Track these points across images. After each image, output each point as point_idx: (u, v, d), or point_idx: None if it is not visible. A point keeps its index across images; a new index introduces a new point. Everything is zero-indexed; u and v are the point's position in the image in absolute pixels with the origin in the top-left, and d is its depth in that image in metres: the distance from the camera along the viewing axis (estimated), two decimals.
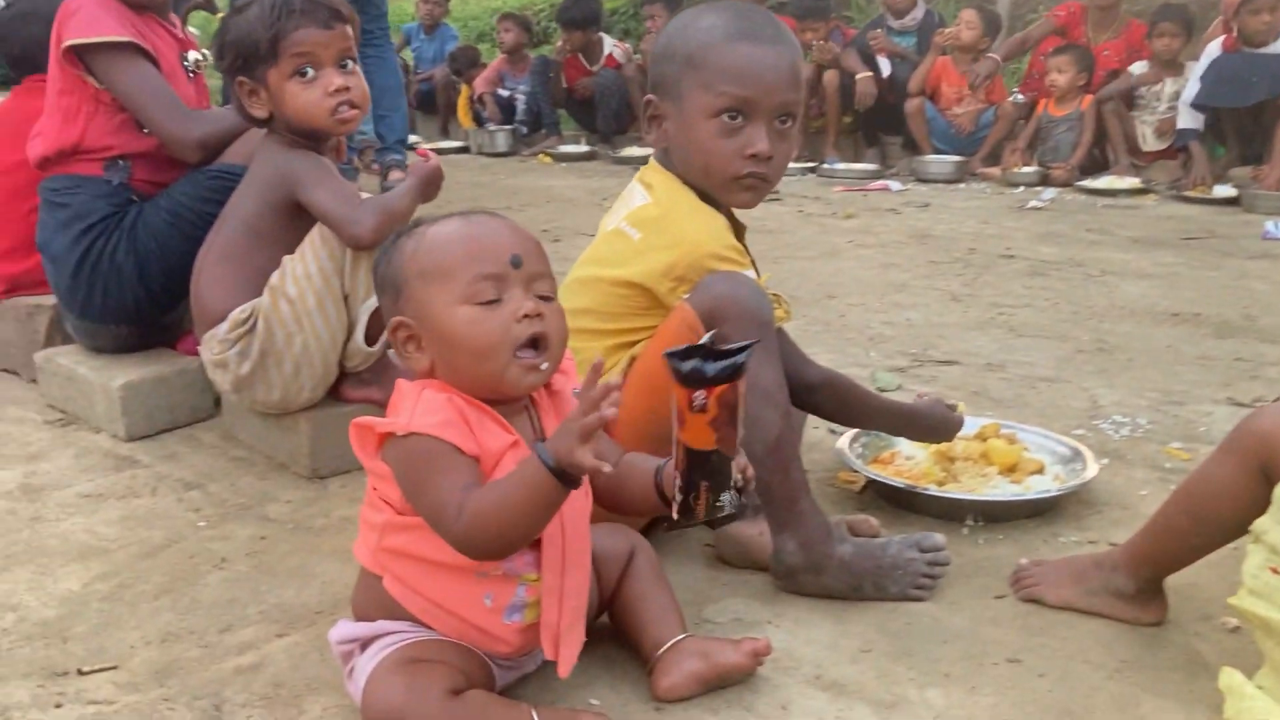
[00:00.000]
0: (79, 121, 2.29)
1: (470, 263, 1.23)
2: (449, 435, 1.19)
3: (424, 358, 1.27)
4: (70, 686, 1.41)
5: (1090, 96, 5.93)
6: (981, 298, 3.47)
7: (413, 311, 1.26)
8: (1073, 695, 1.37)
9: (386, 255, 1.30)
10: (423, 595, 1.27)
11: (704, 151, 1.64)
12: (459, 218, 1.29)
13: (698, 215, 1.65)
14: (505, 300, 1.23)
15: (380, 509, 1.28)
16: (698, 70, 1.62)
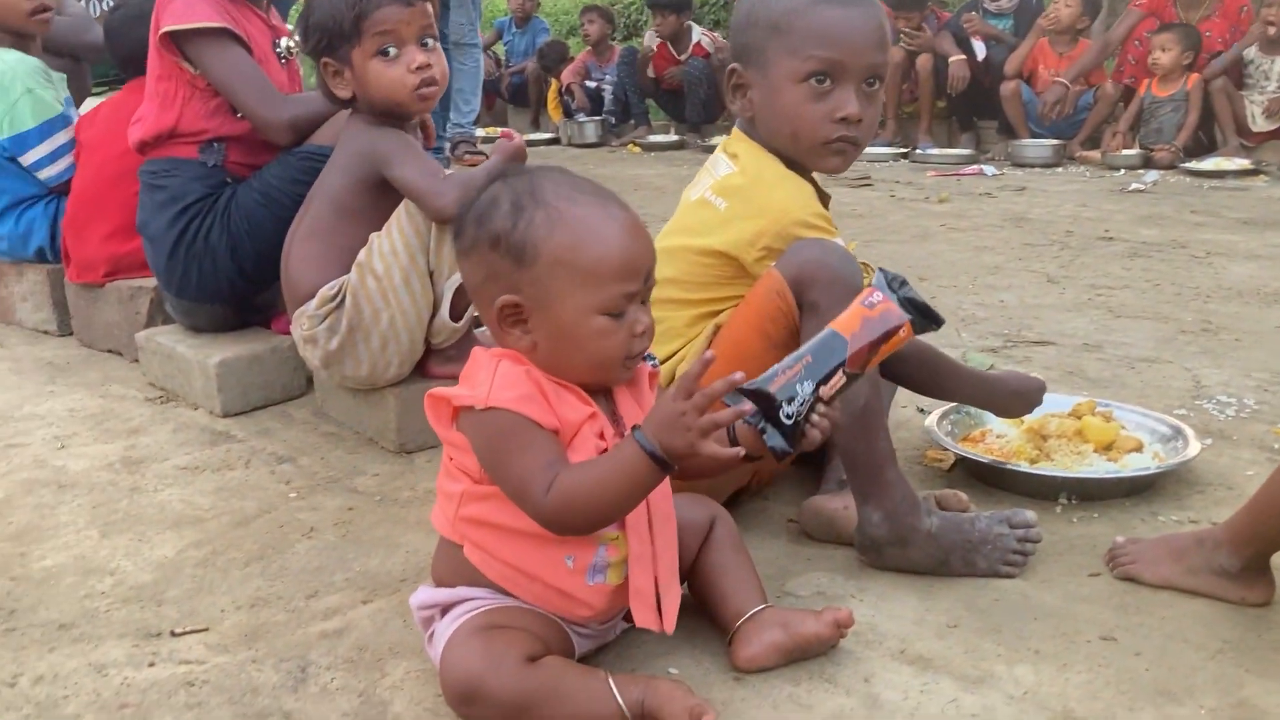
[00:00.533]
0: (175, 106, 2.35)
1: (619, 278, 1.20)
2: (529, 410, 1.18)
3: (527, 339, 1.23)
4: (163, 647, 1.44)
5: (1196, 75, 5.72)
6: (1079, 279, 3.37)
7: (533, 294, 1.20)
8: (1171, 675, 1.32)
9: (509, 218, 1.20)
10: (503, 561, 1.26)
11: (792, 117, 1.62)
12: (597, 205, 1.22)
13: (784, 183, 1.64)
14: (629, 313, 1.22)
15: (457, 479, 1.28)
16: (783, 35, 1.60)
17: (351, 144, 2.07)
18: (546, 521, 1.19)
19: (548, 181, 1.23)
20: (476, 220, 1.23)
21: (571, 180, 1.25)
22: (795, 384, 1.21)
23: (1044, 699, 1.28)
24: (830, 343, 1.23)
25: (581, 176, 1.27)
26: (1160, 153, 5.69)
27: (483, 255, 1.23)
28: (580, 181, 1.26)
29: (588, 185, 1.25)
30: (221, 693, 1.34)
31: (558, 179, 1.24)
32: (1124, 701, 1.27)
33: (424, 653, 1.38)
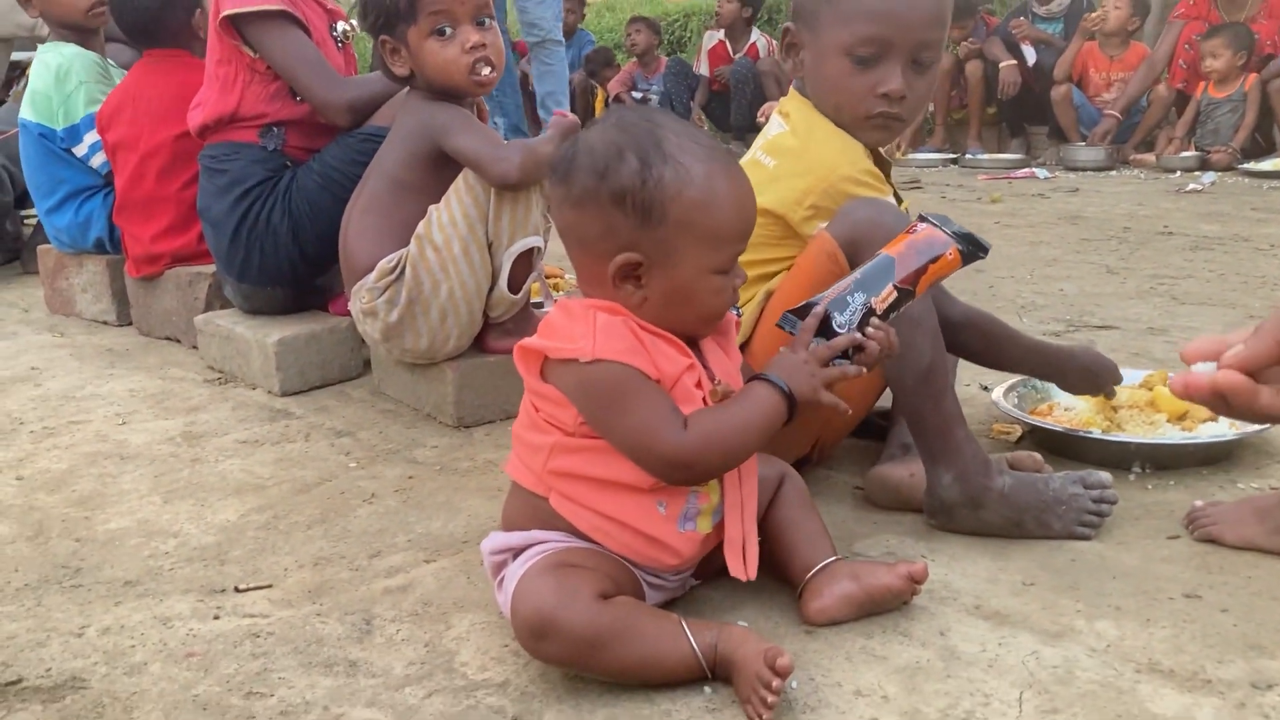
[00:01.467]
0: (236, 90, 2.37)
1: (736, 238, 1.22)
2: (637, 361, 1.17)
3: (638, 294, 1.20)
4: (228, 602, 1.44)
5: (1254, 75, 5.62)
6: (1139, 270, 3.31)
7: (654, 253, 1.18)
8: (1261, 630, 1.27)
9: (637, 175, 1.16)
10: (594, 510, 1.24)
11: (836, 89, 1.60)
12: (721, 164, 1.20)
13: (833, 140, 1.61)
14: (732, 269, 1.23)
15: (547, 431, 1.25)
16: (835, 3, 1.57)
17: (409, 119, 2.07)
18: (683, 462, 1.19)
19: (669, 133, 1.19)
20: (597, 172, 1.17)
21: (688, 130, 1.22)
22: (845, 295, 1.27)
23: (1128, 651, 1.24)
24: (879, 263, 1.28)
25: (701, 133, 1.25)
26: (1217, 154, 5.60)
27: (601, 209, 1.18)
28: (694, 132, 1.23)
29: (703, 137, 1.23)
30: (287, 643, 1.33)
31: (677, 129, 1.20)
32: (1212, 655, 1.23)
33: (490, 607, 1.37)
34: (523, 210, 1.99)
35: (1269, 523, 1.46)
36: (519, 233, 1.99)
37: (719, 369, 1.27)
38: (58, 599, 1.46)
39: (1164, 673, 1.19)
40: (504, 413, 2.10)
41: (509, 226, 1.97)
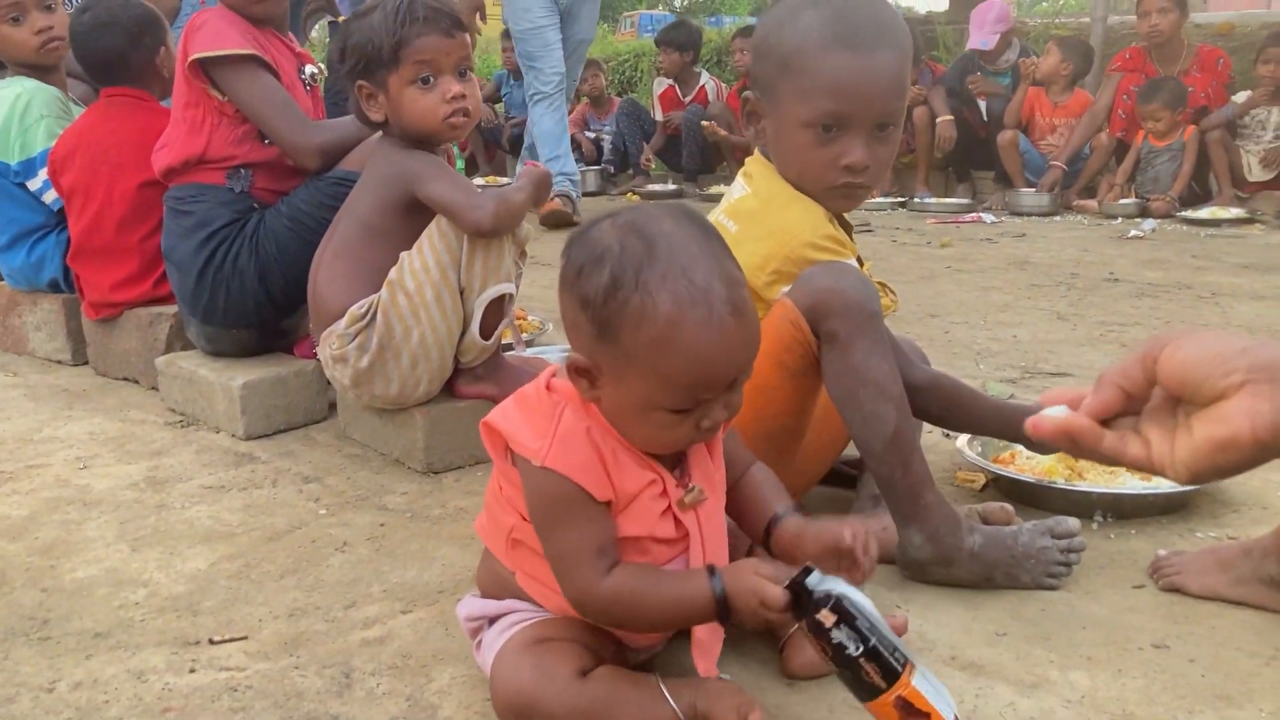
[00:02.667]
0: (204, 132, 2.36)
1: (694, 386, 1.10)
2: (584, 481, 1.13)
3: (591, 394, 1.15)
4: (202, 654, 1.42)
5: (1193, 127, 5.80)
6: (1089, 317, 3.39)
7: (606, 367, 1.12)
8: (1228, 680, 1.31)
9: (603, 290, 1.09)
10: (559, 593, 1.21)
11: (799, 160, 1.60)
12: (700, 307, 1.07)
13: (794, 205, 1.61)
14: (699, 409, 1.13)
15: (508, 511, 1.24)
16: (793, 77, 1.55)
17: (382, 165, 2.08)
18: (587, 606, 1.16)
19: (661, 255, 1.08)
20: (577, 268, 1.12)
21: (690, 251, 1.10)
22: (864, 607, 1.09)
23: (1101, 703, 1.27)
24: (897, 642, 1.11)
25: (708, 243, 1.13)
26: (1157, 202, 5.76)
27: (572, 303, 1.13)
28: (698, 264, 1.09)
29: (703, 270, 1.09)
30: (266, 697, 1.31)
31: (675, 248, 1.09)
32: (1183, 705, 1.26)
33: (470, 659, 1.36)
34: (495, 257, 2.00)
35: (1231, 573, 1.50)
36: (491, 279, 2.01)
37: (698, 471, 1.22)
38: (26, 652, 1.44)
39: None
40: (474, 458, 2.10)
41: (481, 273, 1.98)
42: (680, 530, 1.20)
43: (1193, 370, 0.82)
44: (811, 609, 1.08)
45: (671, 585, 1.15)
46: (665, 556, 1.21)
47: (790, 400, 1.58)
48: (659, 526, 1.19)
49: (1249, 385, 0.79)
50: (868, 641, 1.06)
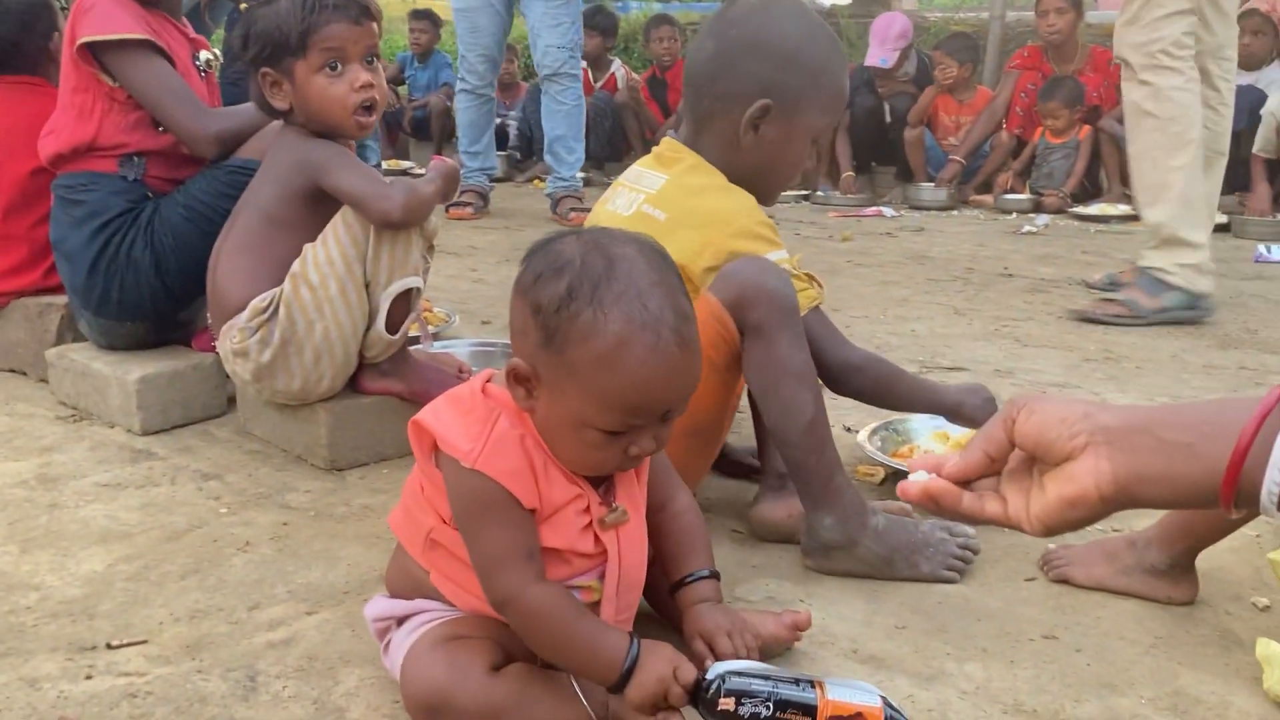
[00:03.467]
0: (93, 119, 2.29)
1: (629, 412, 1.11)
2: (513, 486, 1.13)
3: (528, 403, 1.15)
4: (100, 660, 1.39)
5: (1088, 128, 6.00)
6: (984, 312, 3.49)
7: (545, 375, 1.12)
8: (1111, 669, 1.37)
9: (556, 300, 1.09)
10: (475, 595, 1.23)
11: (796, 165, 1.75)
12: (649, 333, 1.08)
13: (730, 194, 1.67)
14: (630, 434, 1.14)
15: (427, 512, 1.24)
16: (821, 93, 1.69)
17: (285, 154, 2.04)
18: (512, 607, 1.15)
19: (620, 276, 1.10)
20: (534, 275, 1.13)
21: (649, 281, 1.11)
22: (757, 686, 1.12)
23: (995, 693, 1.31)
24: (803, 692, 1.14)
25: (666, 274, 1.14)
26: (1050, 198, 5.94)
27: (524, 309, 1.13)
28: (656, 289, 1.11)
29: (660, 294, 1.10)
30: (167, 703, 1.29)
31: (634, 275, 1.10)
32: (1070, 694, 1.31)
33: (377, 661, 1.35)
34: (402, 250, 1.98)
35: (1116, 564, 1.57)
36: (398, 273, 1.99)
37: (623, 491, 1.24)
38: None
39: (1028, 713, 1.28)
40: (378, 455, 2.08)
41: (388, 266, 1.96)
42: (599, 546, 1.21)
43: (1045, 432, 0.89)
44: (710, 703, 1.12)
45: (591, 628, 1.15)
46: (583, 568, 1.22)
47: (716, 395, 1.61)
48: (579, 541, 1.20)
49: (1091, 447, 0.86)
50: (774, 697, 1.11)
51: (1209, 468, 0.81)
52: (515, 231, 5.07)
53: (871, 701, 1.13)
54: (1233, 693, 1.32)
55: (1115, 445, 0.85)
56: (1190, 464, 0.82)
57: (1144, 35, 3.11)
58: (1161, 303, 3.24)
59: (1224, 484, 0.81)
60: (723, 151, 1.70)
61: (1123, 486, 0.85)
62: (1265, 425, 0.80)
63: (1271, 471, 0.79)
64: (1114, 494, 0.85)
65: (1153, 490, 0.84)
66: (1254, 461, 0.80)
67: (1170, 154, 3.13)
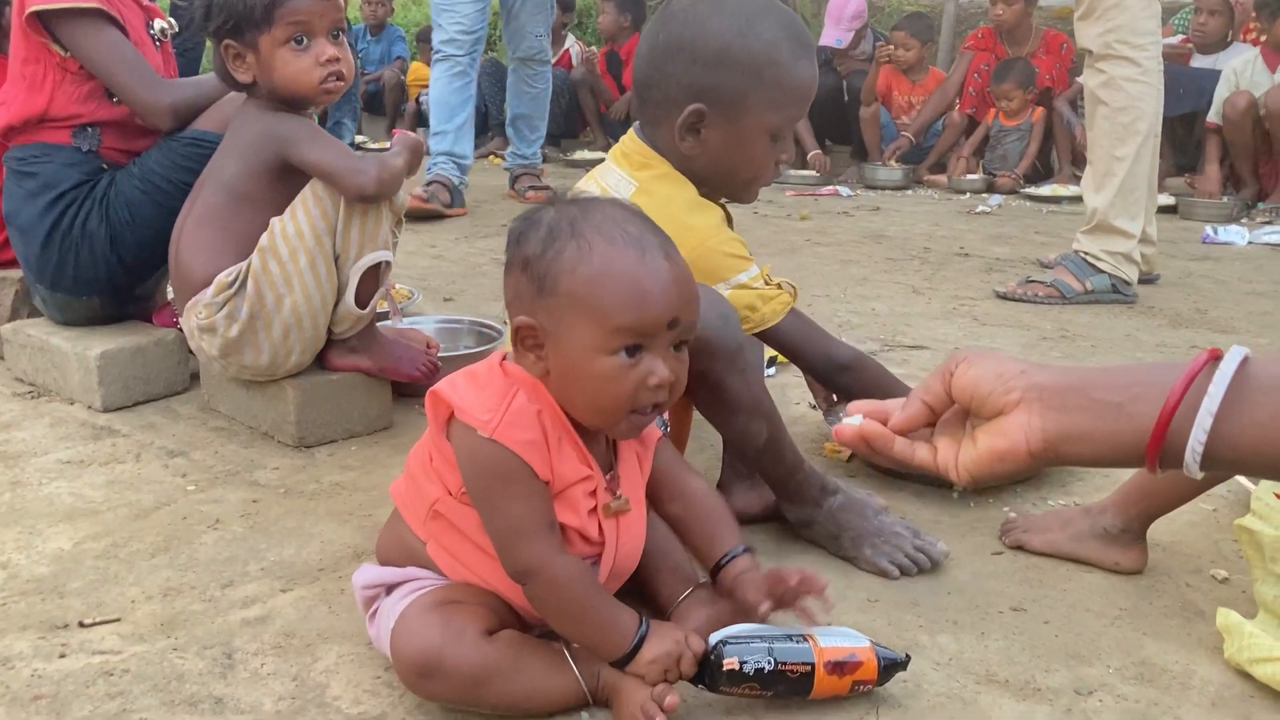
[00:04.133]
0: (45, 90, 2.23)
1: (628, 316, 1.12)
2: (529, 456, 1.14)
3: (540, 365, 1.17)
4: (73, 638, 1.37)
5: (1041, 110, 6.07)
6: (942, 291, 3.54)
7: (548, 323, 1.14)
8: (1078, 640, 1.41)
9: (540, 243, 1.15)
10: (470, 569, 1.24)
11: (755, 167, 1.65)
12: (634, 248, 1.14)
13: (698, 209, 1.63)
14: (644, 359, 1.14)
15: (435, 483, 1.24)
16: (767, 88, 1.58)
17: (249, 128, 2.01)
18: (538, 576, 1.16)
19: (596, 213, 1.16)
20: (516, 239, 1.18)
21: (624, 215, 1.17)
22: (755, 644, 1.20)
23: (967, 664, 1.34)
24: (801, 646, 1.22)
25: (640, 214, 1.20)
26: (1003, 178, 6.02)
27: (514, 275, 1.18)
28: (631, 220, 1.17)
29: (637, 225, 1.17)
30: (144, 681, 1.28)
31: (609, 211, 1.17)
32: (1040, 664, 1.35)
33: (356, 637, 1.36)
34: (372, 223, 1.97)
35: (1069, 530, 1.62)
36: (368, 246, 1.97)
37: (627, 481, 1.26)
38: None
39: (1000, 683, 1.30)
40: (347, 432, 2.07)
41: (358, 239, 1.95)
42: (600, 536, 1.23)
43: (980, 386, 0.91)
44: (716, 668, 1.19)
45: (608, 602, 1.19)
46: (583, 553, 1.23)
47: (673, 413, 1.66)
48: (585, 524, 1.21)
49: (1024, 403, 0.88)
50: (771, 650, 1.19)
51: (1137, 427, 0.83)
52: (473, 208, 5.03)
53: (861, 643, 1.22)
54: (1195, 662, 1.36)
55: (1047, 403, 0.87)
56: (1119, 423, 0.84)
57: (1100, 26, 3.16)
58: (1088, 285, 3.31)
59: (1150, 443, 0.83)
60: (676, 155, 1.64)
61: (1052, 443, 0.87)
62: (1193, 387, 0.82)
63: (1196, 431, 0.80)
64: (1043, 450, 0.87)
65: (1081, 448, 0.86)
66: (1180, 422, 0.81)
67: (1116, 143, 3.19)
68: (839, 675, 1.20)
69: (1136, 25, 3.13)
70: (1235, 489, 1.77)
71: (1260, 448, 0.80)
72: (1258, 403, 0.80)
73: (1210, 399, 0.80)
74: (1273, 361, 0.82)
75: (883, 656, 1.23)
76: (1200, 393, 0.81)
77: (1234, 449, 0.81)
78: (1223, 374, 0.81)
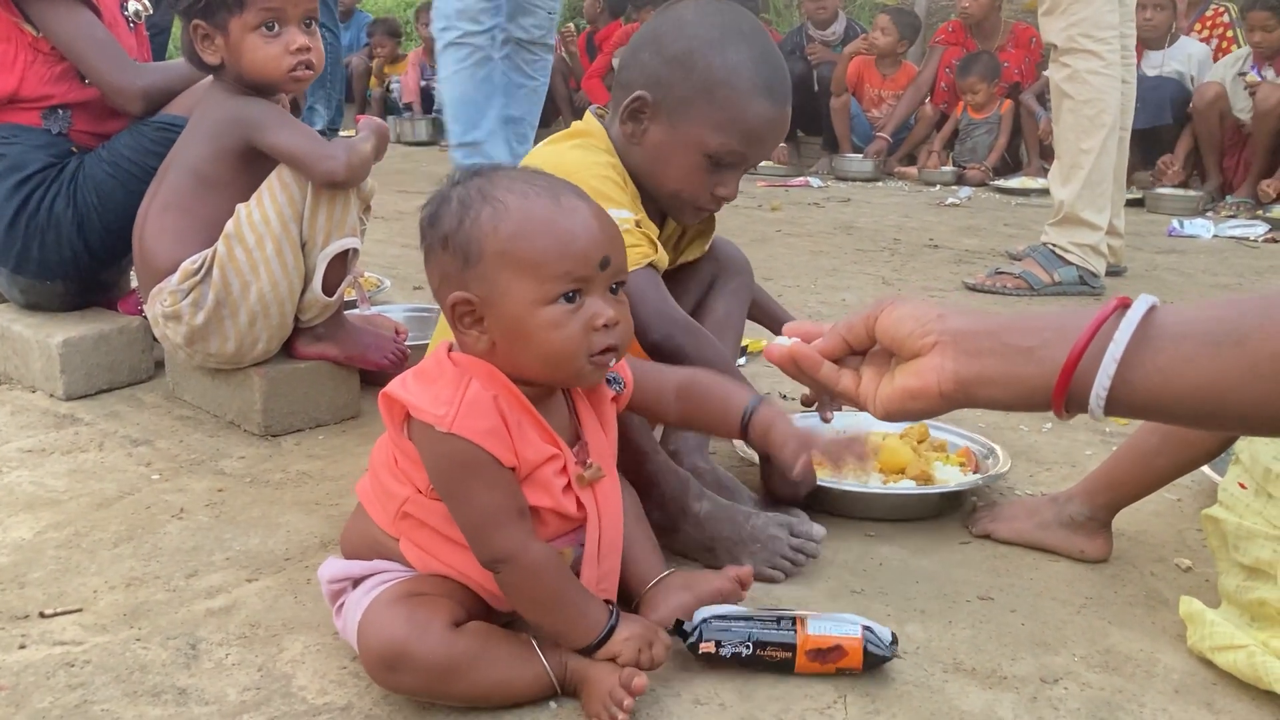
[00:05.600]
0: (16, 70, 2.20)
1: (559, 260, 1.12)
2: (492, 446, 1.13)
3: (484, 339, 1.16)
4: (33, 629, 1.35)
5: (1010, 102, 6.11)
6: (911, 282, 3.55)
7: (482, 292, 1.14)
8: (1044, 628, 1.41)
9: (456, 216, 1.15)
10: (444, 562, 1.23)
11: (680, 176, 1.60)
12: (547, 196, 1.15)
13: (590, 151, 1.61)
14: (586, 303, 1.14)
15: (402, 483, 1.22)
16: (714, 107, 1.55)
17: (215, 111, 1.99)
18: (515, 564, 1.15)
19: (502, 177, 1.18)
20: (429, 222, 1.18)
21: (529, 175, 1.19)
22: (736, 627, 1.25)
23: (935, 653, 1.35)
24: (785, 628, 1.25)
25: (545, 173, 1.21)
26: (973, 171, 6.06)
27: (437, 258, 1.17)
28: (539, 176, 1.19)
29: (545, 179, 1.18)
30: (107, 671, 1.26)
31: (514, 174, 1.19)
32: (1006, 653, 1.35)
33: (322, 627, 1.35)
34: (340, 210, 1.95)
35: (1036, 519, 1.63)
36: (335, 233, 1.95)
37: (595, 448, 1.25)
38: None
39: (967, 671, 1.31)
40: (314, 421, 2.05)
41: (325, 226, 1.93)
42: (580, 510, 1.21)
43: (899, 328, 0.94)
44: (693, 648, 1.24)
45: (580, 590, 1.19)
46: (562, 529, 1.22)
47: None
48: (562, 502, 1.20)
49: (940, 346, 0.91)
50: (750, 636, 1.22)
51: (1045, 371, 0.85)
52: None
53: (851, 632, 1.23)
54: (1159, 650, 1.37)
55: (961, 346, 0.90)
56: (1028, 367, 0.86)
57: (1063, 20, 3.19)
58: (1056, 277, 3.34)
59: (1056, 386, 0.85)
60: (620, 144, 1.64)
61: (963, 384, 0.89)
62: (1100, 333, 0.83)
63: (1100, 377, 0.82)
64: (954, 390, 0.90)
65: (992, 390, 0.89)
66: (1086, 366, 0.83)
67: (1082, 136, 3.23)
68: (821, 663, 1.23)
69: (1099, 19, 3.15)
70: (1200, 479, 1.79)
71: (1162, 394, 0.82)
72: (1161, 349, 0.82)
73: (1115, 344, 0.82)
74: (1179, 310, 0.84)
75: (870, 647, 1.24)
76: (1106, 339, 0.83)
77: (1137, 394, 0.83)
78: (1129, 321, 0.82)
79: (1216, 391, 0.80)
